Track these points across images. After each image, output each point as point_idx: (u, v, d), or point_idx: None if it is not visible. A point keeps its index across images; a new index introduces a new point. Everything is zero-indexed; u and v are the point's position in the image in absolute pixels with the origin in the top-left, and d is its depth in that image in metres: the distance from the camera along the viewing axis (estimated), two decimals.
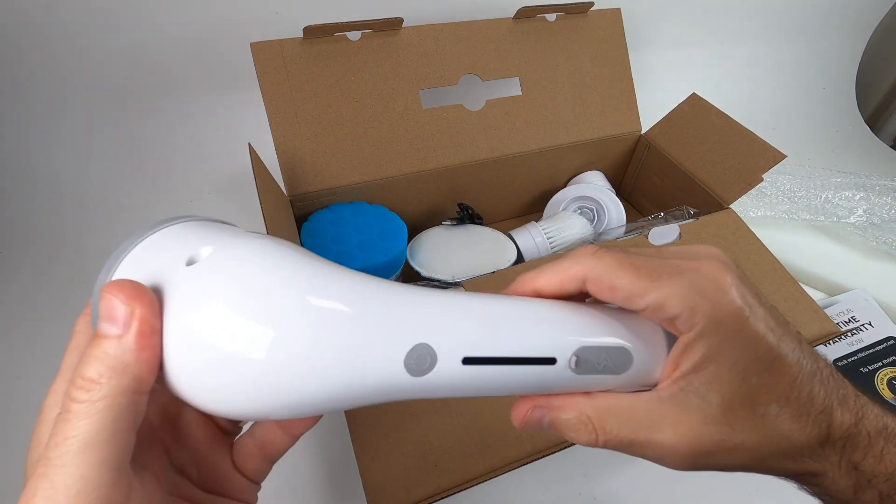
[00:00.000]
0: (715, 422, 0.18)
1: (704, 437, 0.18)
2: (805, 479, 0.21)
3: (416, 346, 0.17)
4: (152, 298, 0.16)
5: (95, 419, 0.14)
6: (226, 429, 0.22)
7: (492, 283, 0.39)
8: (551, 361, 0.19)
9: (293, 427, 0.21)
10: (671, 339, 0.20)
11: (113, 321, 0.15)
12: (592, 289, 0.20)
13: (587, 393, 0.20)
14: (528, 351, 0.18)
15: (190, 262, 0.17)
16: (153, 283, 0.16)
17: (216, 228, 0.19)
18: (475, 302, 0.19)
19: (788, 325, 0.20)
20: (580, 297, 0.21)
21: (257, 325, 0.16)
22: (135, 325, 0.15)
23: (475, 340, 0.18)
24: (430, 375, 0.18)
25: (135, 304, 0.15)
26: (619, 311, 0.21)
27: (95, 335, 0.15)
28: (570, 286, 0.20)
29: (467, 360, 0.18)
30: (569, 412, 0.20)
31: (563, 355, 0.19)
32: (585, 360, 0.19)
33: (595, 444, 0.19)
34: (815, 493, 0.21)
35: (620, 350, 0.19)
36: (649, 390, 0.20)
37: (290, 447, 0.22)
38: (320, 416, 0.20)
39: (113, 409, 0.15)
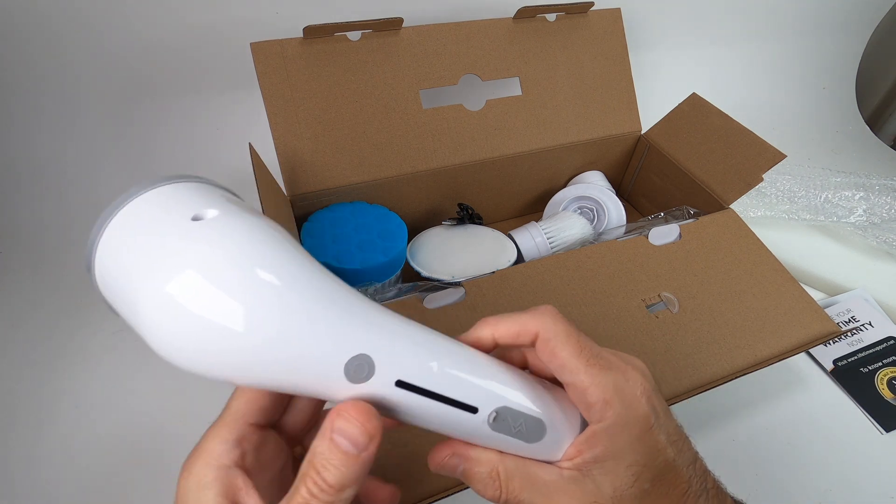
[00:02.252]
0: None
1: None
2: None
3: (360, 355, 0.18)
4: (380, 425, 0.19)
5: None
6: None
7: (492, 283, 0.39)
8: (473, 410, 0.20)
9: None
10: (584, 425, 0.21)
11: (355, 444, 0.18)
12: (539, 345, 0.21)
13: (500, 452, 0.21)
14: (455, 394, 0.20)
15: (196, 218, 0.18)
16: (157, 228, 0.18)
17: (224, 196, 0.21)
18: (427, 335, 0.20)
19: (688, 441, 0.22)
20: (523, 364, 0.24)
21: (236, 295, 0.17)
22: (371, 449, 0.18)
23: (412, 369, 0.19)
24: (363, 386, 0.19)
25: (374, 435, 0.18)
26: (550, 387, 0.22)
27: (335, 447, 0.18)
28: (525, 338, 0.22)
29: (400, 384, 0.19)
30: (483, 466, 0.21)
31: (485, 408, 0.20)
32: (503, 419, 0.20)
33: (496, 500, 0.21)
34: None
35: (537, 422, 0.21)
36: (551, 464, 0.21)
37: None
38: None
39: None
